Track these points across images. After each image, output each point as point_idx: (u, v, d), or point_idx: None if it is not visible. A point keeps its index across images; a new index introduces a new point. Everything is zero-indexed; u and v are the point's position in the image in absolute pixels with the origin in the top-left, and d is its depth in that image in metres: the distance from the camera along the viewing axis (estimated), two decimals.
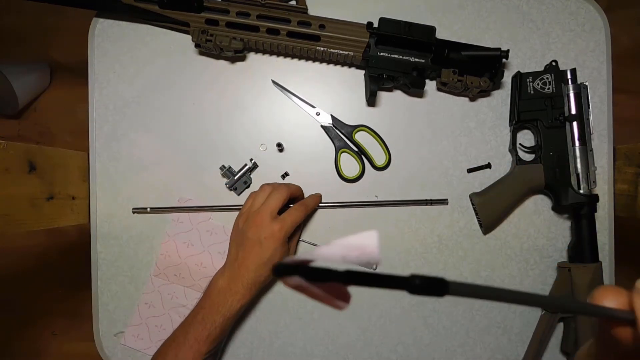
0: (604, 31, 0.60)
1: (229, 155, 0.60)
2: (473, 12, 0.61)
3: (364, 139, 0.60)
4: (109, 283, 0.61)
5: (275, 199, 0.52)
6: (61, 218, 0.57)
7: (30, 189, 0.53)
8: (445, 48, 0.56)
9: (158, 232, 0.60)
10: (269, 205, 0.52)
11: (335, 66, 0.61)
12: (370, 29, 0.55)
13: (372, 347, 0.60)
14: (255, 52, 0.61)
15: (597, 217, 0.57)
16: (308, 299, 0.64)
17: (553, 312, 0.24)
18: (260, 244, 0.51)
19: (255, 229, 0.51)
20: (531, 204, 0.60)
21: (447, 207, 0.60)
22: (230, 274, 0.52)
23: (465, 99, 0.60)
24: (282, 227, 0.51)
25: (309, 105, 0.60)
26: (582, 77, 0.59)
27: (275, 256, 0.51)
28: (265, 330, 0.60)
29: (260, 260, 0.51)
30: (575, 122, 0.55)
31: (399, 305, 0.60)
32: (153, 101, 0.61)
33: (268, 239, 0.51)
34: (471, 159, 0.60)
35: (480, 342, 0.60)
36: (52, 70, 1.33)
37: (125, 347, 0.60)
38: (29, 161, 0.53)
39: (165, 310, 0.60)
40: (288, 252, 0.55)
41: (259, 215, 0.52)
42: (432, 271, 0.60)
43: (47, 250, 1.34)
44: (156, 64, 0.61)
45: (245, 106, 0.61)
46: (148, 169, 0.61)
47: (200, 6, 0.55)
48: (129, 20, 0.61)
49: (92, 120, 0.61)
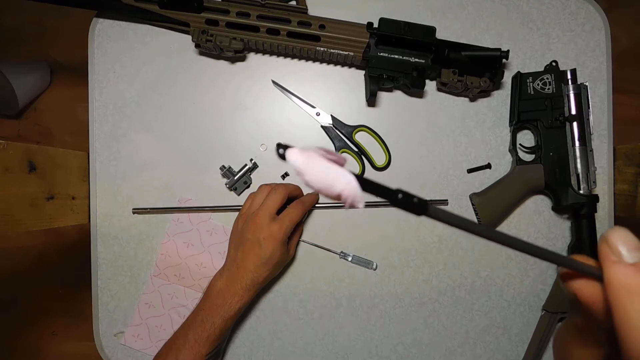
0: (604, 31, 0.60)
1: (229, 155, 0.60)
2: (473, 12, 0.61)
3: (364, 139, 0.60)
4: (109, 283, 0.61)
5: (274, 199, 0.52)
6: (61, 218, 0.57)
7: (30, 189, 0.53)
8: (445, 48, 0.56)
9: (158, 232, 0.60)
10: (267, 205, 0.52)
11: (335, 66, 0.61)
12: (370, 29, 0.55)
13: (372, 347, 0.60)
14: (255, 52, 0.61)
15: (597, 218, 0.57)
16: (308, 299, 0.64)
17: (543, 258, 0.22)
18: (260, 245, 0.51)
19: (254, 230, 0.51)
20: (531, 204, 0.60)
21: (447, 207, 0.60)
22: (229, 274, 0.52)
23: (465, 99, 0.60)
24: (280, 227, 0.51)
25: (309, 106, 0.60)
26: (582, 77, 0.59)
27: (275, 257, 0.52)
28: (265, 330, 0.60)
29: (259, 261, 0.51)
30: (575, 122, 0.55)
31: (399, 305, 0.60)
32: (153, 101, 0.61)
33: (267, 239, 0.51)
34: (471, 159, 0.60)
35: (480, 342, 0.60)
36: (52, 70, 1.33)
37: (125, 347, 0.60)
38: (29, 161, 0.53)
39: (165, 311, 0.60)
40: (288, 252, 0.55)
41: (258, 216, 0.52)
42: (432, 271, 0.60)
43: (47, 250, 1.34)
44: (156, 64, 0.61)
45: (246, 106, 0.61)
46: (148, 169, 0.61)
47: (200, 6, 0.55)
48: (129, 20, 0.61)
49: (92, 120, 0.61)
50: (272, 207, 0.52)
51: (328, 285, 0.60)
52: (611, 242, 0.19)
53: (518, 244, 0.19)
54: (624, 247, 0.19)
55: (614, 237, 0.19)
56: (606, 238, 0.19)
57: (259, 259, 0.51)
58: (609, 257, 0.19)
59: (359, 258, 0.60)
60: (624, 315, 0.17)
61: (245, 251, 0.52)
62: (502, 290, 0.60)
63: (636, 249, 0.18)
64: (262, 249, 0.51)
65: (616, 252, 0.19)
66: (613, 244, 0.19)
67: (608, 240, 0.19)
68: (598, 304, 0.20)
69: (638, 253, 0.18)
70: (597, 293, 0.20)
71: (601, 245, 0.19)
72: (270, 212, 0.52)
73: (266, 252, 0.51)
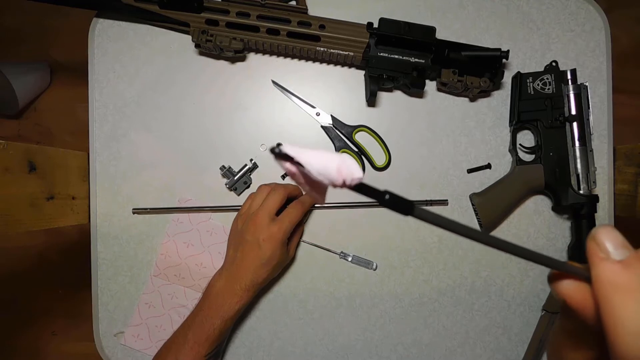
0: (604, 31, 0.60)
1: (229, 155, 0.60)
2: (473, 12, 0.61)
3: (364, 139, 0.60)
4: (109, 283, 0.61)
5: (273, 200, 0.52)
6: (61, 218, 0.57)
7: (30, 189, 0.53)
8: (445, 48, 0.56)
9: (158, 232, 0.60)
10: (267, 206, 0.52)
11: (335, 66, 0.61)
12: (370, 29, 0.55)
13: (372, 347, 0.60)
14: (255, 52, 0.61)
15: (597, 218, 0.57)
16: (308, 299, 0.64)
17: (523, 258, 0.22)
18: (259, 246, 0.51)
19: (254, 231, 0.51)
20: (531, 204, 0.60)
21: (447, 207, 0.60)
22: (228, 275, 0.52)
23: (465, 99, 0.60)
24: (280, 227, 0.51)
25: (309, 106, 0.60)
26: (582, 77, 0.59)
27: (274, 258, 0.52)
28: (265, 330, 0.60)
29: (259, 262, 0.51)
30: (575, 122, 0.55)
31: (399, 305, 0.60)
32: (153, 101, 0.61)
33: (266, 240, 0.51)
34: (471, 159, 0.60)
35: (480, 342, 0.60)
36: (52, 70, 1.34)
37: (125, 347, 0.60)
38: (29, 161, 0.53)
39: (165, 311, 0.60)
40: (288, 253, 0.55)
41: (257, 217, 0.51)
42: (432, 271, 0.60)
43: (47, 250, 1.34)
44: (156, 64, 0.61)
45: (246, 106, 0.61)
46: (148, 169, 0.61)
47: (200, 6, 0.55)
48: (129, 20, 0.61)
49: (92, 120, 0.61)
50: (272, 208, 0.52)
51: (328, 285, 0.60)
52: (599, 240, 0.19)
53: (500, 243, 0.20)
54: (611, 245, 0.19)
55: (601, 235, 0.19)
56: (594, 236, 0.19)
57: (259, 260, 0.51)
58: (596, 255, 0.19)
59: (359, 258, 0.60)
60: (612, 312, 0.17)
61: (245, 252, 0.52)
62: (502, 290, 0.60)
63: (623, 246, 0.19)
64: (262, 250, 0.51)
65: (604, 250, 0.19)
66: (600, 241, 0.19)
67: (595, 238, 0.19)
68: (587, 308, 0.20)
69: (625, 250, 0.18)
70: (585, 296, 0.20)
71: (589, 243, 0.19)
72: (270, 212, 0.52)
73: (266, 253, 0.51)
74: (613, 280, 0.18)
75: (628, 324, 0.17)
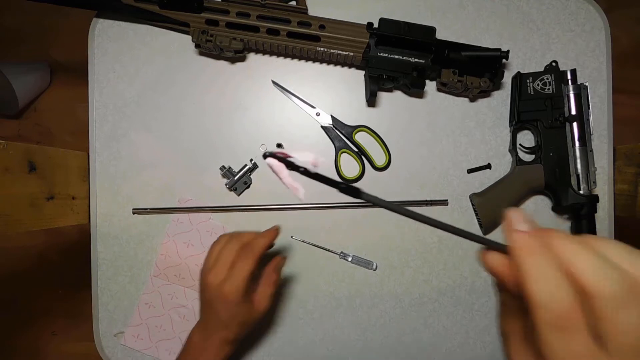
0: (604, 31, 0.60)
1: (229, 155, 0.60)
2: (473, 12, 0.61)
3: (364, 140, 0.60)
4: (109, 283, 0.61)
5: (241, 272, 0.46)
6: (61, 218, 0.57)
7: (30, 189, 0.53)
8: (445, 48, 0.56)
9: (158, 232, 0.60)
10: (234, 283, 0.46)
11: (335, 66, 0.61)
12: (370, 30, 0.55)
13: (372, 347, 0.60)
14: (255, 53, 0.61)
15: (597, 218, 0.57)
16: (308, 299, 0.64)
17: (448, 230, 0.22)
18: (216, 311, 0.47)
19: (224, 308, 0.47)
20: (531, 204, 0.60)
21: (447, 207, 0.60)
22: (201, 330, 0.50)
23: (465, 99, 0.60)
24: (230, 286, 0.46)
25: (309, 106, 0.60)
26: (582, 77, 0.59)
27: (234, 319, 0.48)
28: (265, 330, 0.60)
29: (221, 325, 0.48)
30: (575, 122, 0.55)
31: (399, 305, 0.60)
32: (153, 101, 0.61)
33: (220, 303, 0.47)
34: (471, 159, 0.60)
35: (480, 342, 0.60)
36: (52, 70, 1.33)
37: (125, 347, 0.60)
38: (29, 161, 0.53)
39: (165, 311, 0.60)
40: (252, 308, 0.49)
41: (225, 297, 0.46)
42: (432, 271, 0.60)
43: (47, 250, 1.34)
44: (156, 64, 0.61)
45: (245, 106, 0.61)
46: (148, 169, 0.61)
47: (200, 6, 0.55)
48: (129, 21, 0.61)
49: (92, 120, 0.61)
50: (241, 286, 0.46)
51: (328, 285, 0.60)
52: (509, 218, 0.24)
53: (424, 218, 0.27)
54: (519, 220, 0.24)
55: (511, 214, 0.25)
56: (506, 216, 0.25)
57: (221, 324, 0.48)
58: (510, 228, 0.24)
59: (359, 258, 0.60)
60: (525, 270, 0.22)
61: (208, 312, 0.49)
62: None
63: (527, 221, 0.24)
64: (218, 315, 0.47)
65: (515, 224, 0.24)
66: (511, 218, 0.24)
67: (507, 217, 0.25)
68: (509, 276, 0.25)
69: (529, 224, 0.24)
70: (507, 265, 0.25)
71: (504, 222, 0.25)
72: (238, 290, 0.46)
73: (222, 317, 0.47)
74: (523, 244, 0.23)
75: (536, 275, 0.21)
